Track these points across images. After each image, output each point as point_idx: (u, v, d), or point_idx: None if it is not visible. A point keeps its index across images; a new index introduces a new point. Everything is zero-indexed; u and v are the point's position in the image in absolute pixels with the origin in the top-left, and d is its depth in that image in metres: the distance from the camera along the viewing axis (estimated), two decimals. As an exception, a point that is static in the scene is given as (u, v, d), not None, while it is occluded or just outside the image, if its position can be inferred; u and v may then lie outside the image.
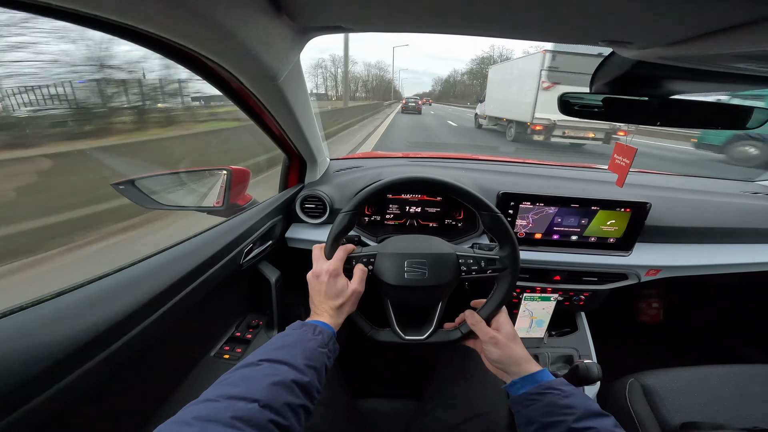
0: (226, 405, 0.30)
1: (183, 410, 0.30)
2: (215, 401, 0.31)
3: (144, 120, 4.55)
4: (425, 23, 0.43)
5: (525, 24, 0.39)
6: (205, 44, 0.39)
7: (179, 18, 0.33)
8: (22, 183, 1.70)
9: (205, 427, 0.28)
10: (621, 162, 0.64)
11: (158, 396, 0.55)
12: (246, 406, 0.31)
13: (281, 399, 0.33)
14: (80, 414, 0.40)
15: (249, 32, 0.39)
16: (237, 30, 0.37)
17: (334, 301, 0.50)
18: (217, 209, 0.77)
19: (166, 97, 6.38)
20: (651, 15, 0.32)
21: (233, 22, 0.36)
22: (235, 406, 0.30)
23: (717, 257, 0.89)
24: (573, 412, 0.41)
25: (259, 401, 0.31)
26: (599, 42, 0.40)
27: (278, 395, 0.33)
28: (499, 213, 0.55)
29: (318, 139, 0.89)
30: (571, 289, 0.90)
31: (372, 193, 0.56)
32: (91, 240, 1.92)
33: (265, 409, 0.31)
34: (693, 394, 0.70)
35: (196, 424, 0.28)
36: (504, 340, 0.52)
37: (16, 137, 1.99)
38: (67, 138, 2.57)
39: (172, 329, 0.51)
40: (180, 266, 0.52)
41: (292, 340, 0.42)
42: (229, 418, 0.29)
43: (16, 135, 2.00)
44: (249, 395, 0.32)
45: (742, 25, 0.30)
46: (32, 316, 0.35)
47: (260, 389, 0.33)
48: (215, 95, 6.17)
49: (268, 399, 0.32)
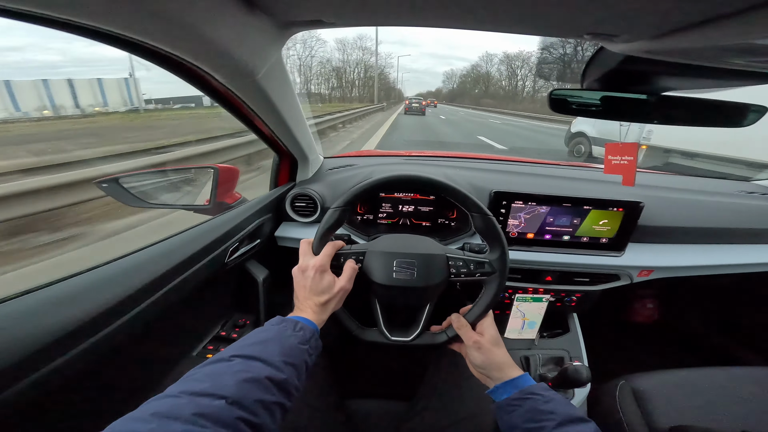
0: (187, 401, 0.29)
1: (142, 406, 0.29)
2: (176, 397, 0.30)
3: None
4: (405, 16, 0.42)
5: (506, 17, 0.38)
6: (172, 43, 0.38)
7: (140, 17, 0.32)
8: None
9: (164, 423, 0.26)
10: (621, 161, 0.63)
11: (134, 396, 0.54)
12: (211, 403, 0.29)
13: (252, 396, 0.32)
14: (49, 410, 0.39)
15: (217, 28, 0.38)
16: (202, 26, 0.36)
17: (319, 297, 0.49)
18: (204, 207, 0.76)
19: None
20: (635, 5, 0.30)
21: (200, 19, 0.35)
22: (198, 403, 0.29)
23: (711, 258, 0.87)
24: (553, 418, 0.40)
25: (227, 398, 0.30)
26: (584, 35, 0.39)
27: (249, 392, 0.32)
28: (491, 215, 0.54)
29: (309, 137, 0.88)
30: (563, 290, 0.88)
31: (363, 190, 0.55)
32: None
33: (234, 406, 0.30)
34: (683, 396, 0.69)
35: (153, 421, 0.27)
36: (487, 345, 0.51)
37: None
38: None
39: (150, 328, 0.50)
40: (157, 265, 0.51)
41: (269, 336, 0.41)
42: (191, 414, 0.27)
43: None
44: (216, 392, 0.30)
45: (729, 15, 0.28)
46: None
47: (229, 386, 0.31)
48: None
49: (238, 396, 0.31)
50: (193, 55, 0.42)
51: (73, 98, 42.08)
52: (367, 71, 47.23)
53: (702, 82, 0.48)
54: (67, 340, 0.37)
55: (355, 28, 10.81)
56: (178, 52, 0.40)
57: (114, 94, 48.26)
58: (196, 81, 0.51)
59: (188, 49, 0.41)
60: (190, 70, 0.48)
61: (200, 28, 0.36)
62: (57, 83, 38.55)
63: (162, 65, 0.44)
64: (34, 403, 0.35)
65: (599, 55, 0.46)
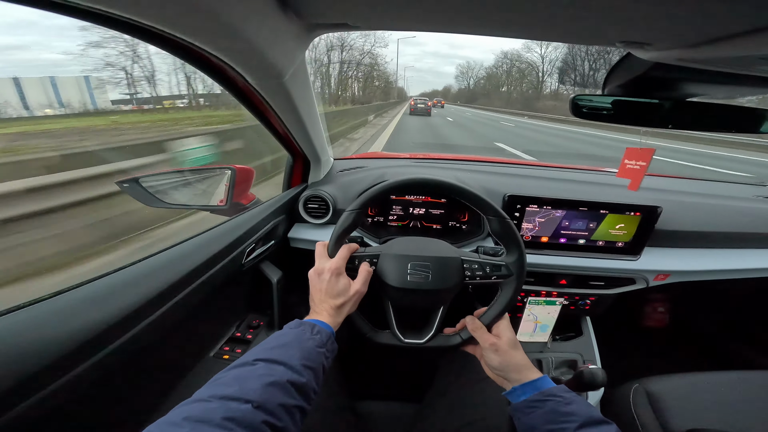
0: (218, 405, 0.30)
1: (174, 410, 0.30)
2: (207, 401, 0.30)
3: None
4: (433, 22, 0.42)
5: (537, 24, 0.38)
6: (211, 41, 0.39)
7: (185, 14, 0.32)
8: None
9: (196, 427, 0.27)
10: (634, 166, 0.63)
11: (156, 396, 0.54)
12: (239, 407, 0.30)
13: (276, 400, 0.32)
14: (76, 412, 0.40)
15: (255, 29, 0.38)
16: (243, 27, 0.36)
17: (334, 300, 0.49)
18: (221, 208, 0.77)
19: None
20: (674, 15, 0.30)
21: (240, 19, 0.35)
22: (227, 407, 0.30)
23: (728, 262, 0.87)
24: (574, 420, 0.40)
25: (252, 402, 0.31)
26: (616, 43, 0.39)
27: (273, 396, 0.33)
28: (508, 219, 0.54)
29: (322, 139, 0.88)
30: (577, 293, 0.88)
31: (378, 193, 0.55)
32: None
33: (259, 410, 0.30)
34: (699, 400, 0.68)
35: (186, 425, 0.27)
36: (505, 346, 0.51)
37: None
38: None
39: (171, 329, 0.50)
40: (180, 266, 0.52)
41: (288, 340, 0.41)
42: (221, 419, 0.28)
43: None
44: (242, 396, 0.31)
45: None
46: (29, 316, 0.35)
47: (254, 390, 0.32)
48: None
49: (262, 400, 0.31)
50: (230, 56, 0.43)
51: (21, 99, 38.20)
52: (356, 68, 43.81)
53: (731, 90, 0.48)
54: (97, 340, 0.37)
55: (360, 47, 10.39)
56: (217, 51, 0.41)
57: (71, 94, 42.87)
58: (222, 79, 0.52)
59: (226, 49, 0.41)
60: (220, 70, 0.48)
61: (239, 27, 0.36)
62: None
63: (194, 64, 0.45)
64: (68, 403, 0.35)
65: (625, 62, 0.46)
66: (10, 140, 5.17)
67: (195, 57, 0.44)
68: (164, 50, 0.40)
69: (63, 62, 52.95)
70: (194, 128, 7.09)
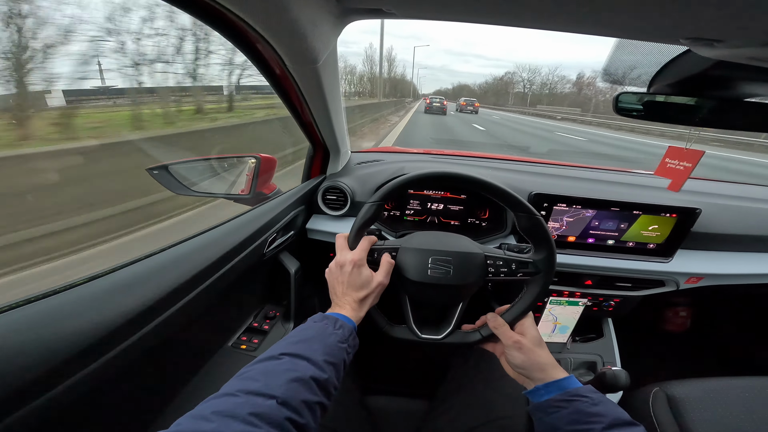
0: (245, 401, 0.30)
1: (202, 404, 0.30)
2: (235, 396, 0.31)
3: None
4: (472, 12, 0.40)
5: (594, 17, 0.35)
6: (260, 18, 0.38)
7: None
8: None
9: (224, 422, 0.28)
10: (677, 166, 0.60)
11: (176, 384, 0.55)
12: (264, 403, 0.30)
13: (299, 396, 0.33)
14: (105, 398, 0.41)
15: (300, 9, 0.37)
16: (290, 5, 0.35)
17: (357, 292, 0.49)
18: (245, 197, 0.77)
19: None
20: (756, 9, 0.27)
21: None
22: (253, 403, 0.30)
23: (763, 266, 0.83)
24: (601, 420, 0.39)
25: (277, 398, 0.31)
26: (680, 40, 0.36)
27: (296, 392, 0.33)
28: (539, 216, 0.52)
29: (343, 130, 0.87)
30: (602, 294, 0.86)
31: (400, 185, 0.54)
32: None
33: (283, 406, 0.31)
34: (720, 405, 0.66)
35: (215, 419, 0.28)
36: (529, 344, 0.50)
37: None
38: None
39: (194, 318, 0.51)
40: (207, 254, 0.52)
41: (312, 334, 0.41)
42: (247, 414, 0.28)
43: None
44: (268, 391, 0.31)
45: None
46: (63, 301, 0.36)
47: (279, 385, 0.32)
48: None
49: (287, 396, 0.32)
50: (274, 35, 0.42)
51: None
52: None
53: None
54: (125, 328, 0.38)
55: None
56: (263, 30, 0.40)
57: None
58: (260, 62, 0.51)
59: (272, 27, 0.40)
60: (259, 53, 0.48)
61: (289, 8, 0.35)
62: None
63: (238, 45, 0.44)
64: (93, 390, 0.36)
65: (681, 59, 0.42)
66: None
67: (238, 38, 0.43)
68: (208, 25, 0.39)
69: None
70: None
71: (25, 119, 3.09)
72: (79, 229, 1.97)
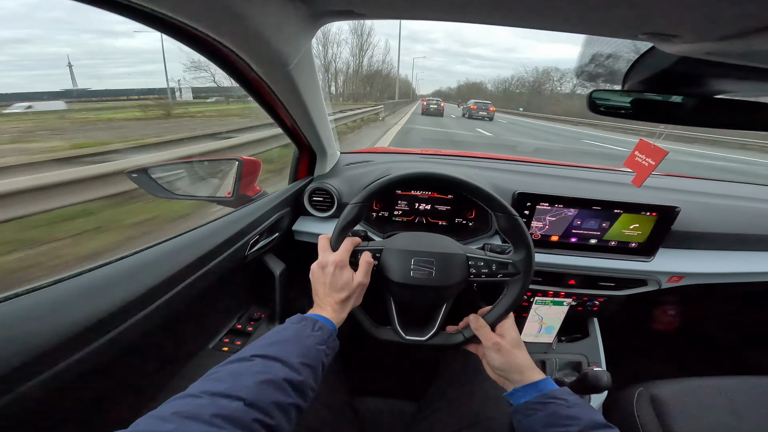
0: (208, 402, 0.29)
1: (164, 405, 0.29)
2: (198, 397, 0.30)
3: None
4: (442, 9, 0.40)
5: (556, 13, 0.35)
6: (213, 26, 0.38)
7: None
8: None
9: (184, 423, 0.27)
10: (643, 161, 0.60)
11: (153, 386, 0.55)
12: (230, 404, 0.29)
13: (269, 398, 0.32)
14: (74, 399, 0.40)
15: (259, 14, 0.37)
16: (247, 11, 0.36)
17: (338, 294, 0.49)
18: (227, 200, 0.77)
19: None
20: (705, 4, 0.27)
21: (244, 3, 0.35)
22: (217, 404, 0.29)
23: (744, 265, 0.84)
24: (576, 423, 0.39)
25: (244, 399, 0.30)
26: (639, 35, 0.36)
27: (266, 394, 0.32)
28: (517, 215, 0.52)
29: (328, 131, 0.87)
30: (586, 294, 0.86)
31: (383, 186, 0.54)
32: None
33: (251, 407, 0.30)
34: (704, 405, 0.66)
35: (174, 420, 0.27)
36: (508, 346, 0.50)
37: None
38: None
39: (172, 320, 0.51)
40: (182, 257, 0.52)
41: (288, 336, 0.41)
42: (210, 416, 0.28)
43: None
44: (234, 393, 0.31)
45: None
46: (28, 303, 0.35)
47: (247, 387, 0.32)
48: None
49: (255, 398, 0.31)
50: (234, 42, 0.42)
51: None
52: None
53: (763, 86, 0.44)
54: (95, 329, 0.38)
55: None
56: (221, 37, 0.40)
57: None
58: (231, 69, 0.51)
59: (231, 34, 0.40)
60: (227, 58, 0.48)
61: (244, 13, 0.35)
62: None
63: (201, 52, 0.44)
64: (63, 390, 0.36)
65: (647, 56, 0.43)
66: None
67: (201, 44, 0.43)
68: (171, 37, 0.40)
69: (72, 56, 54.57)
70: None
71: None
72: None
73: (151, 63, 31.94)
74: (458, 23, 0.46)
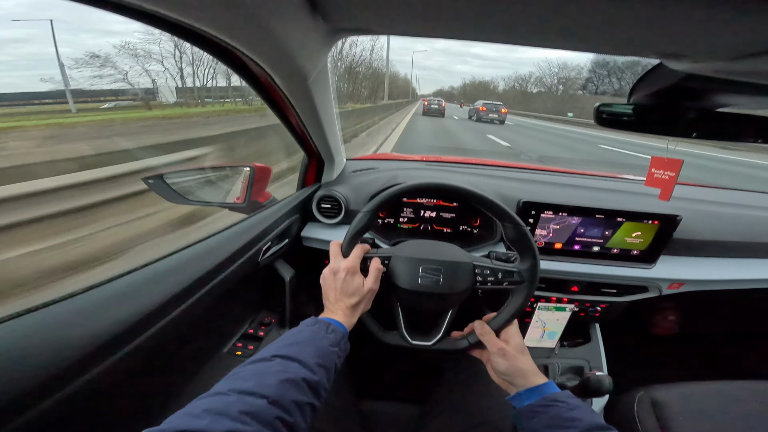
0: (236, 399, 0.31)
1: (193, 402, 0.31)
2: (226, 395, 0.31)
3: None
4: (461, 31, 0.42)
5: (572, 34, 0.37)
6: (246, 42, 0.39)
7: (224, 14, 0.33)
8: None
9: (215, 419, 0.28)
10: (663, 176, 0.61)
11: (171, 390, 0.56)
12: (255, 402, 0.31)
13: (290, 396, 0.33)
14: (101, 406, 0.41)
15: (287, 32, 0.39)
16: (277, 29, 0.37)
17: (349, 299, 0.50)
18: (239, 206, 0.79)
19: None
20: (714, 28, 0.29)
21: (274, 21, 0.36)
22: (245, 401, 0.30)
23: (745, 272, 0.85)
24: (577, 425, 0.40)
25: (268, 397, 0.31)
26: (650, 54, 0.38)
27: (287, 392, 0.33)
28: (523, 225, 0.54)
29: (337, 139, 0.89)
30: (588, 300, 0.88)
31: (393, 195, 0.56)
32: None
33: (274, 405, 0.31)
34: (705, 409, 0.67)
35: (206, 417, 0.28)
36: (512, 351, 0.52)
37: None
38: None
39: (190, 326, 0.52)
40: (204, 262, 0.53)
41: (305, 338, 0.42)
42: (238, 412, 0.29)
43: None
44: (259, 391, 0.32)
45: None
46: (64, 310, 0.37)
47: (270, 385, 0.33)
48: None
49: (278, 396, 0.32)
50: (262, 57, 0.44)
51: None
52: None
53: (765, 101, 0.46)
54: (118, 339, 0.38)
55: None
56: (252, 53, 0.41)
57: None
58: (249, 77, 0.53)
59: (261, 50, 0.42)
60: (251, 71, 0.49)
61: (272, 28, 0.37)
62: None
63: (228, 64, 0.46)
64: (88, 400, 0.36)
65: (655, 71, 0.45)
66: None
67: (225, 55, 0.45)
68: (200, 48, 0.41)
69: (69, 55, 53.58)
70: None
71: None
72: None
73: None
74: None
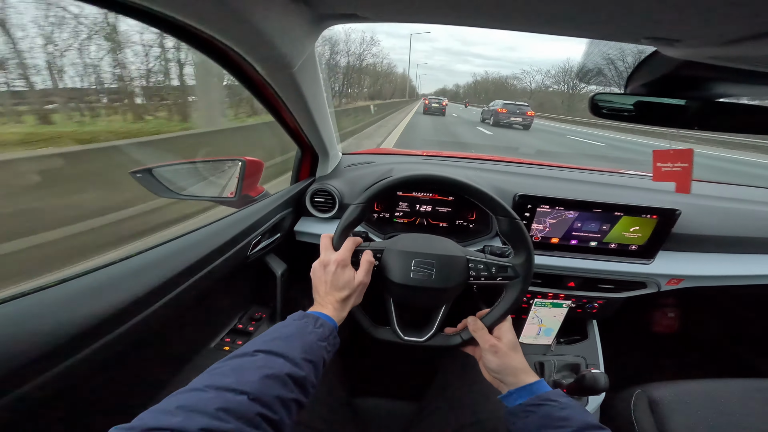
0: (213, 395, 0.29)
1: (168, 398, 0.29)
2: (202, 391, 0.30)
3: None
4: (446, 14, 0.41)
5: (558, 18, 0.36)
6: (219, 28, 0.38)
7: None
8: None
9: (189, 417, 0.27)
10: (673, 168, 0.59)
11: (154, 385, 0.55)
12: (234, 398, 0.30)
13: (273, 392, 0.32)
14: (76, 398, 0.41)
15: (265, 17, 0.38)
16: (251, 14, 0.36)
17: (339, 292, 0.49)
18: (230, 200, 0.78)
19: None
20: (707, 9, 0.28)
21: (247, 6, 0.35)
22: (223, 397, 0.29)
23: (744, 267, 0.84)
24: (569, 425, 0.39)
25: (248, 393, 0.30)
26: (641, 40, 0.37)
27: (270, 388, 0.32)
28: (518, 219, 0.53)
29: (331, 133, 0.88)
30: (585, 296, 0.86)
31: (385, 187, 0.55)
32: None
33: (255, 401, 0.30)
34: (701, 407, 0.66)
35: (179, 414, 0.27)
36: (504, 348, 0.51)
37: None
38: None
39: (174, 320, 0.51)
40: (186, 256, 0.52)
41: (291, 332, 0.41)
42: (215, 409, 0.28)
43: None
44: (239, 387, 0.31)
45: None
46: (34, 302, 0.36)
47: (251, 381, 0.32)
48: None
49: (259, 392, 0.31)
50: (239, 44, 0.43)
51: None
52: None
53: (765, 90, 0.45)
54: (98, 329, 0.38)
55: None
56: (227, 40, 0.40)
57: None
58: (236, 71, 0.52)
59: (236, 37, 0.41)
60: (232, 60, 0.48)
61: (249, 16, 0.36)
62: None
63: (206, 53, 0.45)
64: (65, 390, 0.36)
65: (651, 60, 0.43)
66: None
67: (207, 46, 0.44)
68: (176, 38, 0.40)
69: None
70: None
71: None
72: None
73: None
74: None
